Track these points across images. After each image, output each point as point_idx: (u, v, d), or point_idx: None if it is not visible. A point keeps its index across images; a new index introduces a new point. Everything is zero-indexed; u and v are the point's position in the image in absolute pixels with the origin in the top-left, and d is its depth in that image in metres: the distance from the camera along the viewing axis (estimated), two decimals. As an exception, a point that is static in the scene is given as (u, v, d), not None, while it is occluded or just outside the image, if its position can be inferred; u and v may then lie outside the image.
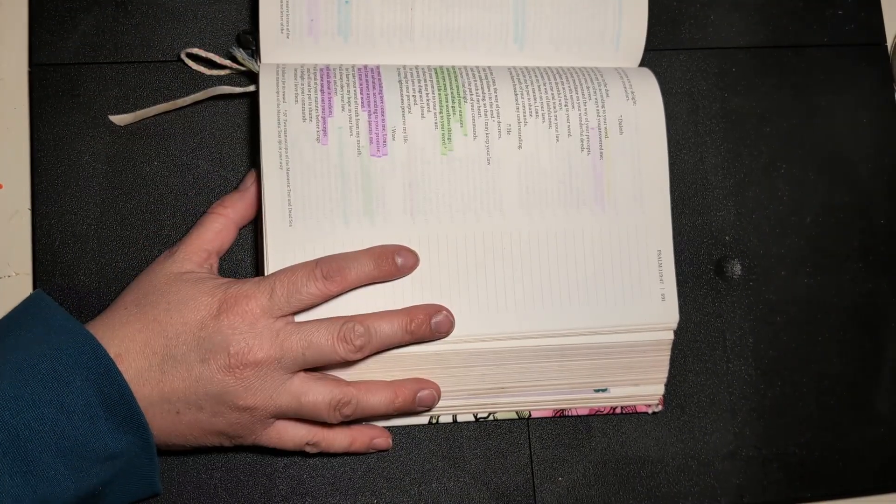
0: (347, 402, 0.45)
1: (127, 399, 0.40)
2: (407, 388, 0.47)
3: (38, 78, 0.50)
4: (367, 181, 0.47)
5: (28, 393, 0.39)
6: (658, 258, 0.50)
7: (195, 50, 0.49)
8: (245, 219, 0.48)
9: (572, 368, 0.49)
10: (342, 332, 0.44)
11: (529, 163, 0.48)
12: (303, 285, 0.44)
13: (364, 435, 0.48)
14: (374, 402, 0.46)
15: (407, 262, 0.46)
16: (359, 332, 0.44)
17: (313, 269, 0.44)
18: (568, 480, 0.51)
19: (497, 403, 0.49)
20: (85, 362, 0.40)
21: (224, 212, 0.47)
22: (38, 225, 0.49)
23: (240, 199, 0.48)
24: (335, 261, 0.45)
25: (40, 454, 0.38)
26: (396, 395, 0.46)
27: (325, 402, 0.44)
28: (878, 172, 0.57)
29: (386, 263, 0.46)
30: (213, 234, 0.46)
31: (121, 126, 0.50)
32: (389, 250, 0.46)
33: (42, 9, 0.50)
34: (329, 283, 0.44)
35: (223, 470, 0.48)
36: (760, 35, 0.57)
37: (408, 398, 0.46)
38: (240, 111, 0.51)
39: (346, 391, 0.45)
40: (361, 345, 0.44)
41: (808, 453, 0.53)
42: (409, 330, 0.45)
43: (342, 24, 0.49)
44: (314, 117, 0.47)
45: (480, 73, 0.50)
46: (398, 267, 0.46)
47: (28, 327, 0.41)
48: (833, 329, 0.55)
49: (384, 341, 0.45)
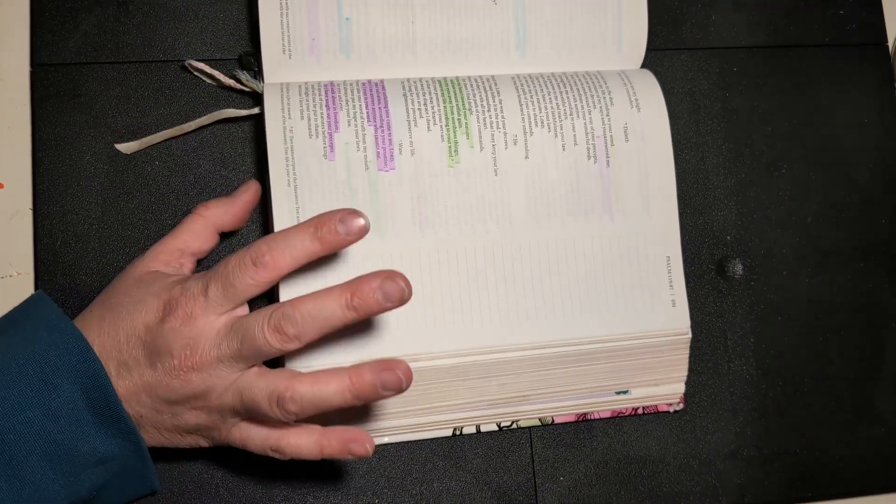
0: (288, 396, 0.40)
1: (112, 402, 0.40)
2: (366, 371, 0.40)
3: (40, 78, 0.50)
4: (376, 196, 0.47)
5: (15, 395, 0.38)
6: (667, 264, 0.50)
7: (199, 65, 0.49)
8: (227, 225, 0.46)
9: (592, 373, 0.49)
10: (272, 321, 0.39)
11: (537, 173, 0.49)
12: (235, 277, 0.40)
13: (335, 438, 0.42)
14: (323, 394, 0.40)
15: (352, 227, 0.40)
16: (290, 320, 0.39)
17: (243, 258, 0.40)
18: (569, 480, 0.51)
19: (520, 412, 0.49)
20: (73, 364, 0.39)
21: (205, 213, 0.45)
22: (40, 225, 0.49)
23: (225, 205, 0.46)
24: (265, 243, 0.40)
25: (26, 458, 0.38)
26: (352, 381, 0.40)
27: (265, 397, 0.40)
28: (880, 172, 0.57)
29: (327, 232, 0.40)
30: (188, 234, 0.45)
31: (122, 125, 0.50)
32: (329, 216, 0.40)
33: (43, 9, 0.50)
34: (260, 271, 0.40)
35: (224, 469, 0.48)
36: (762, 35, 0.57)
37: (367, 383, 0.40)
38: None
39: (285, 384, 0.40)
40: (296, 333, 0.39)
41: (809, 453, 0.53)
42: (350, 305, 0.40)
43: (344, 41, 0.49)
44: (320, 133, 0.47)
45: (485, 84, 0.50)
46: (342, 234, 0.40)
47: (22, 326, 0.41)
48: (835, 329, 0.55)
49: (322, 324, 0.40)
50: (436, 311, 0.47)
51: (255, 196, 0.48)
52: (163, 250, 0.45)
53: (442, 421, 0.49)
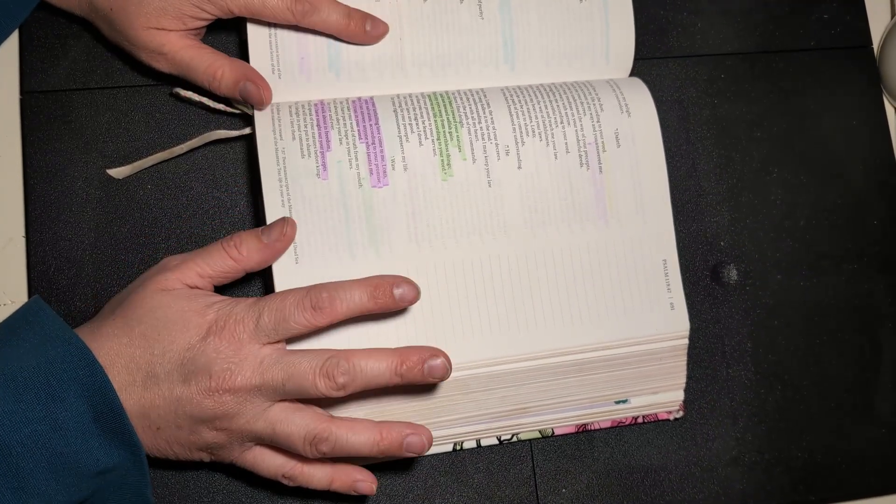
0: (325, 438, 0.42)
1: (118, 414, 0.40)
2: (395, 432, 0.44)
3: (30, 105, 0.50)
4: (370, 213, 0.47)
5: (22, 409, 0.38)
6: (664, 268, 0.50)
7: (188, 94, 0.49)
8: (257, 269, 0.45)
9: (591, 382, 0.49)
10: (325, 367, 0.42)
11: (530, 182, 0.49)
12: (290, 315, 0.42)
13: (346, 475, 0.45)
14: (355, 442, 0.43)
15: (406, 295, 0.44)
16: (342, 370, 0.42)
17: (303, 299, 0.42)
18: (571, 492, 0.51)
19: (520, 424, 0.49)
20: (80, 377, 0.40)
21: (238, 257, 0.44)
22: (33, 252, 0.49)
23: (258, 252, 0.44)
24: (326, 290, 0.43)
25: (33, 471, 0.38)
26: (382, 436, 0.43)
27: (301, 435, 0.42)
28: (870, 173, 0.57)
29: (382, 295, 0.43)
30: (214, 271, 0.44)
31: (114, 150, 0.50)
32: (387, 281, 0.44)
33: (32, 36, 0.50)
34: (318, 315, 0.42)
35: (224, 470, 0.48)
36: (748, 41, 0.57)
37: (394, 442, 0.43)
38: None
39: (324, 427, 0.43)
40: (344, 383, 0.42)
41: (810, 456, 0.53)
42: (398, 372, 0.43)
43: (333, 59, 0.50)
44: (313, 153, 0.47)
45: (475, 97, 0.50)
46: (396, 299, 0.43)
47: (24, 336, 0.41)
48: (831, 331, 0.55)
49: (370, 381, 0.42)
50: (436, 326, 0.47)
51: (291, 241, 0.46)
52: (188, 276, 0.44)
53: (442, 436, 0.48)
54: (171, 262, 0.44)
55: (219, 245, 0.44)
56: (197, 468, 0.48)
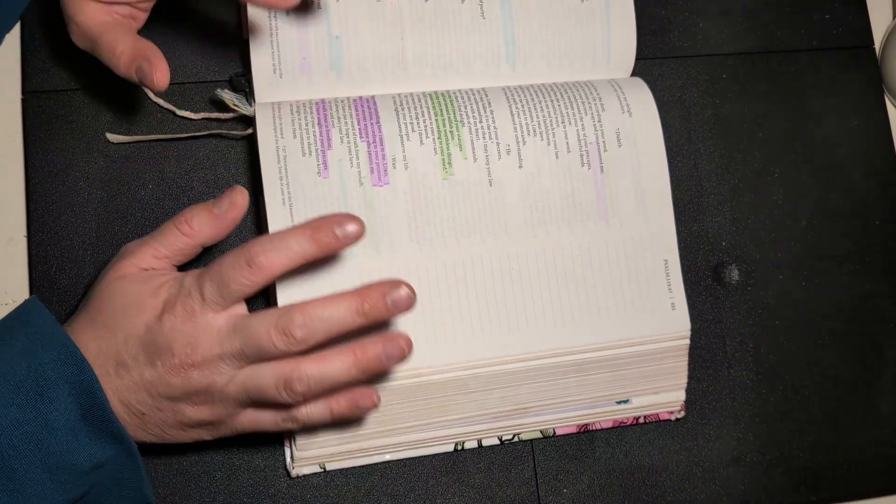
0: (296, 377, 0.40)
1: (102, 408, 0.40)
2: (369, 346, 0.41)
3: (31, 105, 0.50)
4: (371, 211, 0.47)
5: (13, 412, 0.38)
6: (665, 268, 0.50)
7: (185, 113, 0.49)
8: (210, 242, 0.44)
9: (592, 382, 0.49)
10: (279, 323, 0.40)
11: (531, 182, 0.49)
12: (229, 277, 0.40)
13: (342, 398, 0.43)
14: (329, 371, 0.41)
15: (350, 231, 0.40)
16: (298, 323, 0.40)
17: (237, 258, 0.40)
18: (573, 492, 0.51)
19: (521, 424, 0.49)
20: (68, 375, 0.40)
21: (189, 232, 0.43)
22: (34, 251, 0.49)
23: (210, 225, 0.43)
24: (259, 243, 0.40)
25: (27, 472, 0.38)
26: (357, 357, 0.41)
27: (272, 384, 0.41)
28: (871, 173, 0.57)
29: (325, 235, 0.40)
30: (169, 250, 0.43)
31: (115, 150, 0.50)
32: (325, 219, 0.41)
33: (34, 35, 0.50)
34: (255, 271, 0.40)
35: (224, 469, 0.48)
36: (749, 41, 0.57)
37: (370, 357, 0.41)
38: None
39: (291, 367, 0.40)
40: (303, 336, 0.40)
41: (811, 457, 0.53)
42: (360, 311, 0.40)
43: (334, 59, 0.50)
44: (313, 151, 0.47)
45: (476, 96, 0.50)
46: (339, 237, 0.40)
47: (17, 336, 0.41)
48: (832, 331, 0.55)
49: (331, 328, 0.40)
50: (436, 325, 0.47)
51: (243, 211, 0.44)
52: (143, 259, 0.43)
53: (443, 436, 0.48)
54: (129, 249, 0.44)
55: (171, 223, 0.43)
56: (197, 468, 0.48)
